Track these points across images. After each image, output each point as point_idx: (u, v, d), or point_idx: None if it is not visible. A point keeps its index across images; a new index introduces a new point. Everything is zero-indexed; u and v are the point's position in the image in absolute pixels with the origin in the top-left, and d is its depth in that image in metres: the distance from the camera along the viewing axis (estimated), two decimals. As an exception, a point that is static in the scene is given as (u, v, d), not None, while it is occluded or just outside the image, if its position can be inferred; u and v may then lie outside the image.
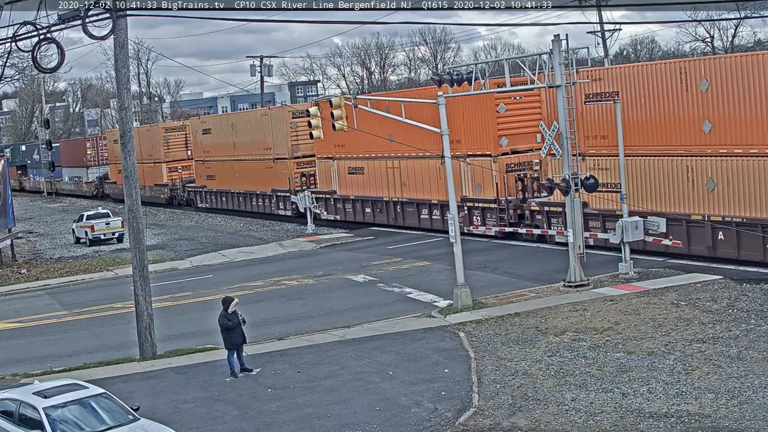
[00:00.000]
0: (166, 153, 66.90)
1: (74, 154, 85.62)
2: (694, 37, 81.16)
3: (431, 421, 16.36)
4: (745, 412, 15.33)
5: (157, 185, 67.60)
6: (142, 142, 68.25)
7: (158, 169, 67.56)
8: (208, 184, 59.98)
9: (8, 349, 25.70)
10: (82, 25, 19.71)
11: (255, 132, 53.25)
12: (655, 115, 29.02)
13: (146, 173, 68.64)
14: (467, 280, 25.76)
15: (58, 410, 15.17)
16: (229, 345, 20.31)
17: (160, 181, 67.32)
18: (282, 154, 50.25)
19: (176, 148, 66.95)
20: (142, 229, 23.47)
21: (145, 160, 68.10)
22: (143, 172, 67.42)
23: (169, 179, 66.65)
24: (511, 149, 35.84)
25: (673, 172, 28.61)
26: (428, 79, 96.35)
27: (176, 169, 66.93)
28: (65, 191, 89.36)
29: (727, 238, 27.20)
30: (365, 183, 43.90)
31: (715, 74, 27.08)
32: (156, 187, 67.62)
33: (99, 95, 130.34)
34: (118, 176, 72.60)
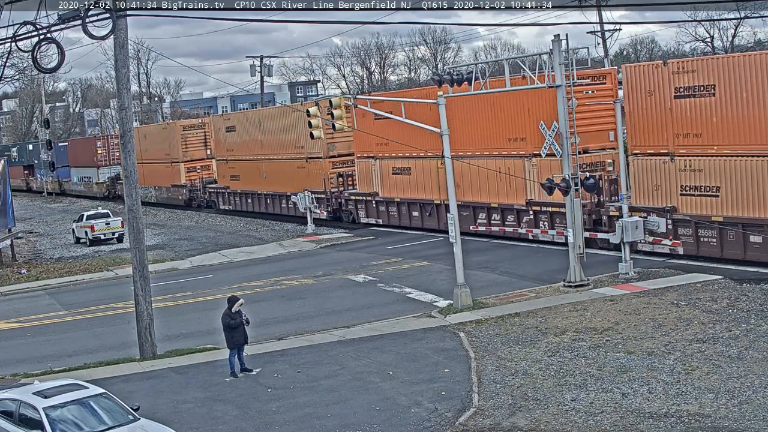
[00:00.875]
0: (185, 152, 63.29)
1: (83, 153, 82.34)
2: (694, 37, 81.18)
3: (431, 421, 16.36)
4: (745, 412, 15.33)
5: (175, 186, 64.49)
6: (158, 141, 65.94)
7: (176, 169, 64.14)
8: (232, 185, 56.74)
9: (8, 349, 25.69)
10: (82, 25, 19.70)
11: (285, 129, 49.86)
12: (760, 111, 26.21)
13: (162, 173, 66.23)
14: (467, 280, 25.76)
15: (58, 410, 15.17)
16: (232, 344, 20.32)
17: (177, 182, 64.03)
18: (316, 153, 47.12)
19: (195, 147, 63.55)
20: (142, 229, 23.47)
21: (162, 159, 65.75)
22: (159, 173, 66.49)
23: (188, 180, 63.26)
24: (582, 148, 31.94)
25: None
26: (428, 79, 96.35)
27: (195, 169, 63.48)
28: (74, 192, 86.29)
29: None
30: (412, 184, 40.90)
31: None
32: (174, 188, 64.66)
33: (99, 95, 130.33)
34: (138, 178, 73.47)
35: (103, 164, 78.60)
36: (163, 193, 66.77)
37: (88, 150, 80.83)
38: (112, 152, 78.08)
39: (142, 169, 67.35)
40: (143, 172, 67.51)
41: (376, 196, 43.50)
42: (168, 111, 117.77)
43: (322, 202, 46.69)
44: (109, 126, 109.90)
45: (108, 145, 78.65)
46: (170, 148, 64.16)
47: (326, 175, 46.67)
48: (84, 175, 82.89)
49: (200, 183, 62.08)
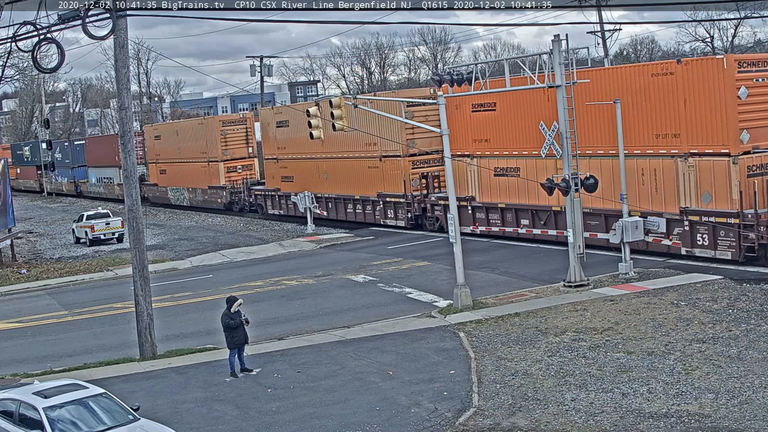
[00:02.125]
0: (224, 150, 57.64)
1: (103, 152, 75.85)
2: (694, 37, 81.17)
3: (431, 421, 16.36)
4: (745, 412, 15.33)
5: (213, 188, 58.97)
6: (193, 138, 60.92)
7: (214, 169, 58.57)
8: (284, 187, 51.01)
9: (8, 349, 25.69)
10: (82, 25, 19.71)
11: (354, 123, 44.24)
12: None
13: (198, 174, 60.77)
14: (467, 280, 25.76)
15: (57, 410, 15.17)
16: (232, 344, 20.32)
17: (215, 183, 58.53)
18: (392, 151, 41.66)
19: (236, 145, 57.98)
20: (142, 229, 23.47)
21: (197, 158, 60.42)
22: (194, 173, 61.25)
23: (228, 181, 57.64)
24: (752, 147, 27.62)
25: None
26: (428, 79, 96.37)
27: (235, 169, 57.98)
28: (92, 194, 79.87)
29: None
30: (521, 187, 34.45)
31: None
32: (211, 191, 59.10)
33: (99, 95, 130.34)
34: (161, 177, 67.33)
35: None
36: (198, 195, 61.55)
37: (109, 148, 74.60)
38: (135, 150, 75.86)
39: (173, 168, 65.11)
40: (175, 173, 64.78)
41: (473, 200, 37.15)
42: (168, 111, 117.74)
43: (400, 207, 41.65)
44: (110, 126, 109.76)
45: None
46: (207, 146, 58.98)
47: (406, 176, 40.92)
48: (104, 176, 77.31)
49: (243, 184, 56.30)
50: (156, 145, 67.33)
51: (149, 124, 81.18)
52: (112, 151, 73.43)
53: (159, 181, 68.04)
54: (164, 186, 66.99)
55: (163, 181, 67.32)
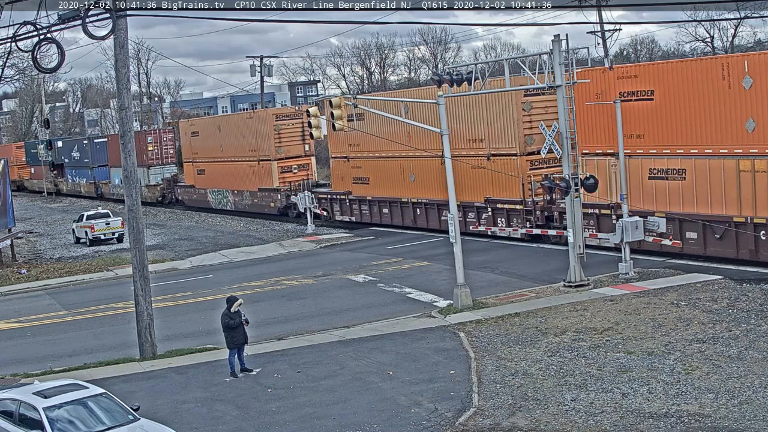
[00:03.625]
0: (278, 148, 51.01)
1: None
2: (694, 37, 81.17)
3: (431, 421, 16.36)
4: (745, 412, 15.33)
5: (264, 191, 52.19)
6: (240, 134, 54.02)
7: (266, 169, 51.75)
8: (356, 189, 45.01)
9: (8, 349, 25.70)
10: (82, 25, 19.71)
11: (452, 117, 35.52)
12: None
13: (245, 175, 53.90)
14: (467, 280, 25.76)
15: (58, 410, 15.17)
16: (231, 344, 20.32)
17: (267, 185, 51.84)
18: (506, 149, 35.32)
19: (291, 142, 51.16)
20: (142, 229, 23.48)
21: (244, 157, 53.72)
22: (240, 174, 54.56)
23: (282, 182, 51.14)
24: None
25: None
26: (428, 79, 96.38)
27: (290, 169, 51.48)
28: (116, 196, 71.44)
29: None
30: (686, 193, 28.58)
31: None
32: (262, 194, 52.25)
33: (99, 95, 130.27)
34: (198, 178, 60.70)
35: (155, 163, 67.21)
36: (246, 198, 54.56)
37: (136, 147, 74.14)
38: (166, 149, 67.36)
39: (214, 168, 57.94)
40: (216, 173, 57.94)
41: (617, 209, 30.33)
42: (168, 111, 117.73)
43: (516, 215, 35.26)
44: (110, 126, 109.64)
45: (160, 141, 67.24)
46: (258, 143, 52.14)
47: (525, 178, 34.73)
48: None
49: (304, 187, 48.90)
50: (193, 142, 60.57)
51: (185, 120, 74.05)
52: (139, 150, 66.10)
53: (196, 183, 61.19)
54: (203, 188, 60.39)
55: (201, 182, 60.69)
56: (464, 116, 36.85)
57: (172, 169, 67.25)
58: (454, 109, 35.44)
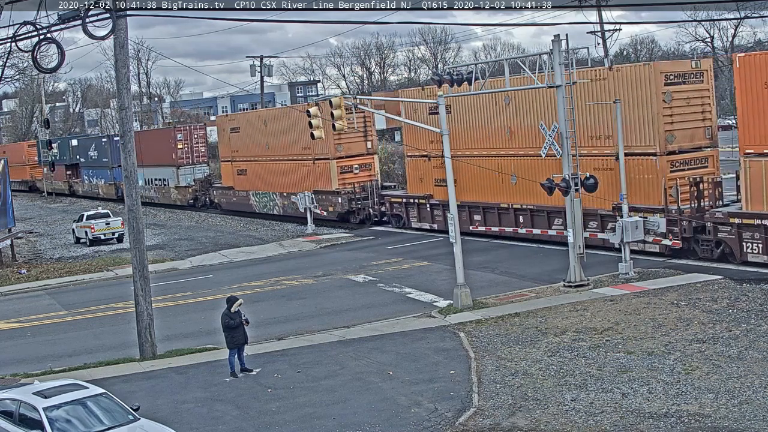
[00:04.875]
0: (337, 145, 45.65)
1: (155, 149, 63.65)
2: (694, 37, 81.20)
3: (431, 421, 16.36)
4: (745, 412, 15.33)
5: (321, 193, 46.50)
6: (290, 130, 48.24)
7: (323, 169, 46.51)
8: (439, 193, 38.95)
9: (8, 349, 25.69)
10: (82, 25, 19.71)
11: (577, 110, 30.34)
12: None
13: (298, 175, 48.51)
14: (467, 280, 25.76)
15: (58, 410, 15.17)
16: (231, 344, 20.31)
17: (324, 187, 46.50)
18: (641, 147, 29.93)
19: (351, 138, 45.36)
20: (142, 229, 23.49)
21: (296, 156, 48.44)
22: (291, 174, 49.31)
23: (341, 184, 45.82)
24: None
25: None
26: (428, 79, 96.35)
27: (351, 168, 46.15)
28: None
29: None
30: None
31: None
32: (318, 196, 46.39)
33: (99, 95, 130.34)
34: (239, 179, 55.43)
35: (185, 163, 61.88)
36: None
37: (163, 145, 62.96)
38: (197, 147, 62.10)
39: (258, 168, 52.50)
40: (261, 173, 52.66)
41: None
42: (168, 111, 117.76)
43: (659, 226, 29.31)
44: (110, 126, 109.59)
45: (191, 138, 61.97)
46: (312, 140, 43.04)
47: (665, 181, 29.49)
48: (156, 177, 65.58)
49: (372, 189, 44.61)
50: (233, 139, 55.26)
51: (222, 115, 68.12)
52: (167, 148, 62.57)
53: (236, 184, 55.73)
54: (244, 190, 54.86)
55: (242, 183, 55.24)
56: (586, 109, 31.12)
57: (204, 169, 62.10)
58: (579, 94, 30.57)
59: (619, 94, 29.68)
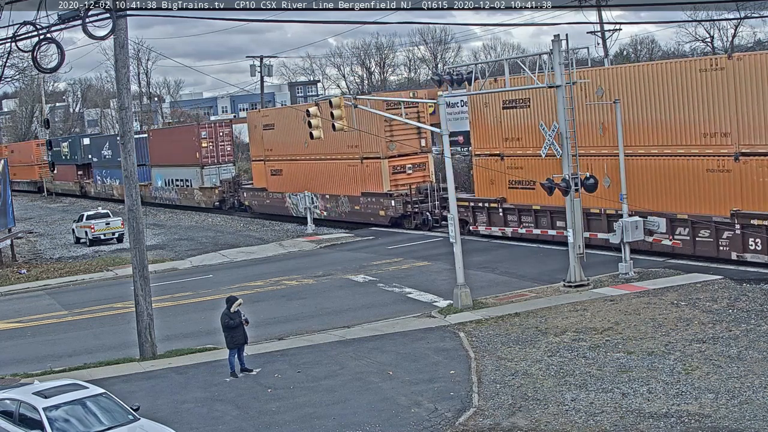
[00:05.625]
0: (389, 143, 41.55)
1: (177, 148, 60.11)
2: (694, 37, 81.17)
3: (431, 421, 16.36)
4: (745, 412, 15.33)
5: (370, 195, 43.04)
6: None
7: (373, 169, 42.67)
8: (513, 196, 35.20)
9: (8, 349, 25.70)
10: (82, 25, 19.72)
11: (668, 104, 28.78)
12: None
13: (344, 176, 45.19)
14: (467, 280, 25.76)
15: (58, 410, 15.17)
16: (231, 344, 20.32)
17: (375, 189, 42.69)
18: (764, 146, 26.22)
19: (404, 135, 41.77)
20: (142, 229, 23.48)
21: (343, 155, 44.63)
22: (336, 175, 45.89)
23: (393, 185, 42.02)
24: None
25: None
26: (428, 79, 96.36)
27: (403, 168, 42.33)
28: (158, 200, 64.86)
29: None
30: None
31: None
32: (367, 199, 43.23)
33: (99, 95, 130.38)
34: (273, 180, 51.67)
35: (210, 162, 58.48)
36: (343, 205, 45.30)
37: (186, 143, 59.12)
38: (222, 146, 58.34)
39: (296, 168, 48.23)
40: (299, 174, 48.39)
41: None
42: (168, 111, 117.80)
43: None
44: (110, 126, 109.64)
45: (216, 136, 58.35)
46: (361, 137, 42.06)
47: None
48: (178, 178, 61.88)
49: (428, 191, 40.81)
50: (266, 136, 51.50)
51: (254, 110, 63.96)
52: (191, 147, 58.60)
53: (270, 185, 52.05)
54: (279, 192, 51.05)
55: (277, 185, 51.50)
56: (696, 102, 27.88)
57: (230, 168, 58.64)
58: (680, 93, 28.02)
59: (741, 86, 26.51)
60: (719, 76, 27.20)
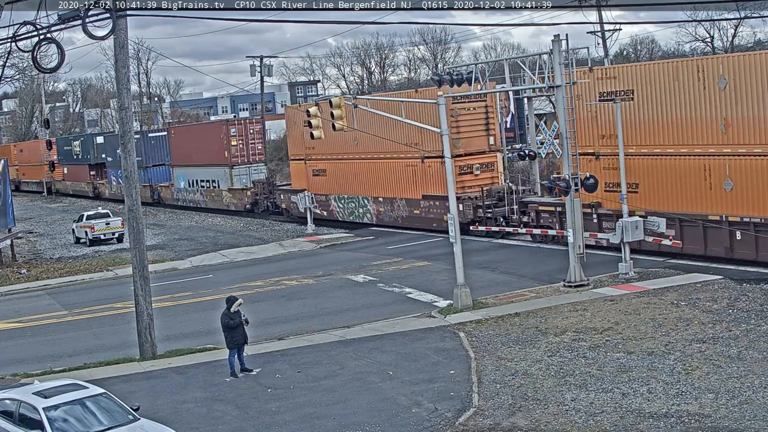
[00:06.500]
0: (455, 140, 36.72)
1: (201, 147, 56.87)
2: (694, 37, 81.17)
3: (431, 421, 16.36)
4: (745, 412, 15.33)
5: (432, 198, 39.05)
6: (389, 122, 35.10)
7: (435, 168, 38.20)
8: (611, 201, 30.35)
9: (8, 349, 25.69)
10: (82, 25, 19.73)
11: None
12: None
13: (400, 177, 40.91)
14: (467, 280, 25.75)
15: (58, 410, 15.17)
16: (231, 344, 20.32)
17: (438, 191, 38.17)
18: None
19: (470, 132, 38.32)
20: (142, 229, 23.48)
21: (400, 153, 40.06)
22: (389, 175, 41.99)
23: (459, 188, 36.60)
24: None
25: None
26: (428, 79, 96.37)
27: (470, 169, 38.10)
28: (182, 202, 61.04)
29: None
30: None
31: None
32: (428, 202, 39.30)
33: (99, 95, 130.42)
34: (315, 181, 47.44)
35: (239, 162, 54.59)
36: (400, 209, 41.15)
37: (213, 142, 55.39)
38: (253, 144, 54.42)
39: (341, 168, 45.73)
40: (343, 174, 45.69)
41: None
42: (168, 111, 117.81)
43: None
44: (110, 126, 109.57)
45: (246, 134, 54.33)
46: (422, 134, 37.51)
47: None
48: (203, 179, 58.09)
49: (501, 194, 36.45)
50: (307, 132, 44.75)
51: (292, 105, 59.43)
52: (218, 145, 54.58)
53: (311, 187, 47.85)
54: (322, 194, 47.25)
55: (319, 186, 47.57)
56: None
57: (261, 168, 54.73)
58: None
59: None
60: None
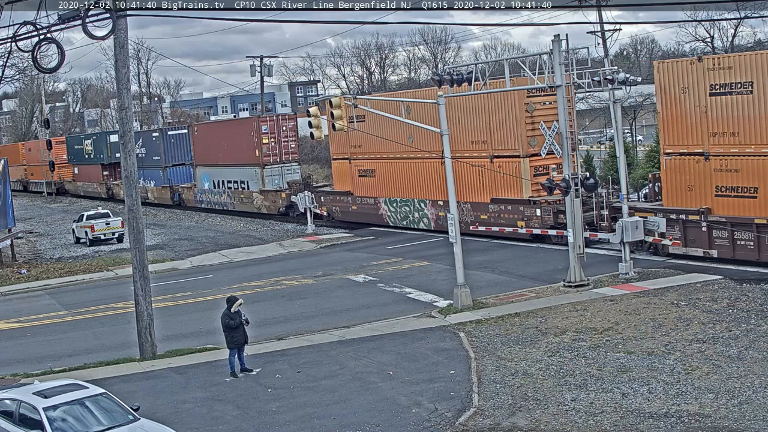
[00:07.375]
0: (530, 138, 34.23)
1: (228, 145, 53.34)
2: (694, 37, 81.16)
3: (431, 421, 16.36)
4: (745, 412, 15.33)
5: (503, 202, 35.53)
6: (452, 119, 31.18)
7: (506, 169, 34.94)
8: (722, 206, 27.79)
9: (8, 349, 25.69)
10: (82, 25, 19.73)
11: None
12: None
13: (463, 178, 36.02)
14: (467, 280, 25.76)
15: (57, 410, 15.17)
16: (231, 344, 20.32)
17: (510, 194, 35.32)
18: None
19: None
20: (142, 229, 23.48)
21: (465, 151, 36.17)
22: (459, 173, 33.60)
23: (535, 191, 34.32)
24: None
25: None
26: (428, 79, 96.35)
27: (546, 170, 34.70)
28: (206, 204, 57.40)
29: None
30: None
31: None
32: (498, 206, 35.63)
33: (99, 95, 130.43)
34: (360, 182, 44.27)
35: (271, 161, 50.74)
36: (465, 214, 36.88)
37: (241, 140, 51.70)
38: (285, 143, 50.71)
39: (392, 169, 41.81)
40: (395, 175, 41.86)
41: None
42: (168, 111, 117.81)
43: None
44: (110, 126, 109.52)
45: (278, 131, 50.51)
46: (491, 131, 35.57)
47: None
48: (230, 180, 54.36)
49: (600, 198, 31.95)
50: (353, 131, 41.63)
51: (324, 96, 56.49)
52: (247, 144, 50.99)
53: (357, 189, 44.58)
54: (370, 196, 43.76)
55: (367, 188, 44.03)
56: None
57: (296, 168, 51.36)
58: None
59: None
60: None
